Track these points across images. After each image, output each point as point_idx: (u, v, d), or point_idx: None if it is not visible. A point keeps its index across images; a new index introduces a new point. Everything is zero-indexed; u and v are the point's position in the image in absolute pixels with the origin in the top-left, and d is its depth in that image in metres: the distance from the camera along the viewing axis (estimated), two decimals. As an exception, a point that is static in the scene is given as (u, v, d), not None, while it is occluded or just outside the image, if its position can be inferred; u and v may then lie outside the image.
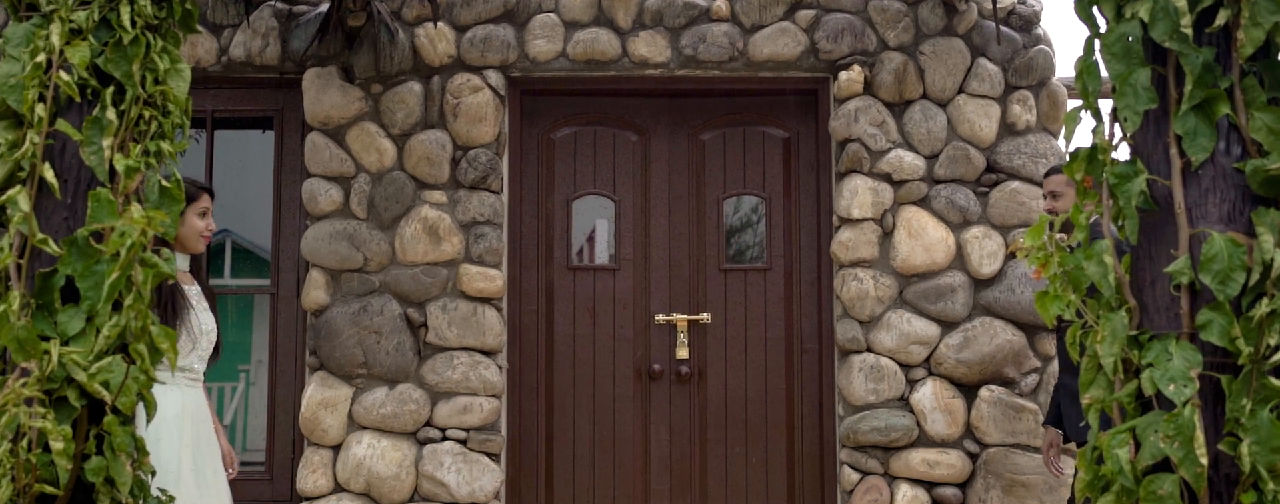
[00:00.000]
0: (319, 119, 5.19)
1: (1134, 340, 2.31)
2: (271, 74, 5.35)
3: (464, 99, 5.17)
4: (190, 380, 3.56)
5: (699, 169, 5.43)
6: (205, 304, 3.62)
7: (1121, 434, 2.30)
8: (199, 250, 3.64)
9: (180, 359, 3.46)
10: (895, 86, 5.17)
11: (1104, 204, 2.42)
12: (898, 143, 5.18)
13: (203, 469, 3.51)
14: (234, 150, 5.69)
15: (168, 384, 3.45)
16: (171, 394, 3.45)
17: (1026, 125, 5.21)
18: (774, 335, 5.32)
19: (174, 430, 3.43)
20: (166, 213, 2.70)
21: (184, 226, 3.56)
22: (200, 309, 3.59)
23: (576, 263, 5.39)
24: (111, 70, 2.59)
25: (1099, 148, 2.50)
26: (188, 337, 3.49)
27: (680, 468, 5.28)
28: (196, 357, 3.56)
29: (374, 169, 5.17)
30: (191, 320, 3.52)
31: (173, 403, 3.45)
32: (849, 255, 5.10)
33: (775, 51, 5.24)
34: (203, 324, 3.57)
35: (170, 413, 3.44)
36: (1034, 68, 5.23)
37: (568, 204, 5.41)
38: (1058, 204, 4.02)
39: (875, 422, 4.99)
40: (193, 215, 3.58)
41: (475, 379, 5.06)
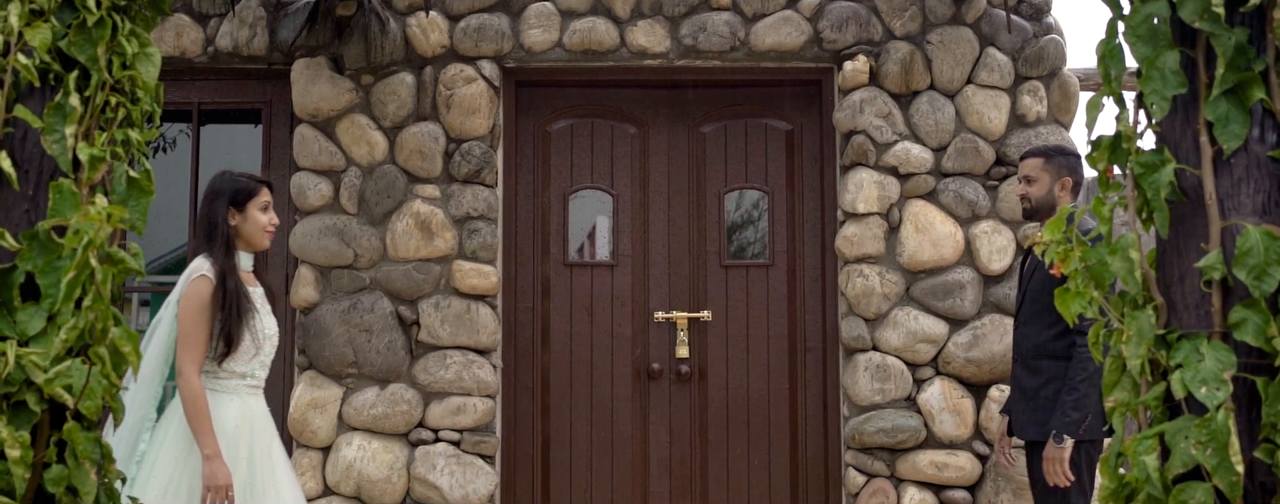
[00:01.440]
0: (308, 111, 5.09)
1: (1161, 340, 2.20)
2: (259, 65, 5.27)
3: (457, 90, 5.07)
4: (251, 388, 3.44)
5: (699, 162, 5.35)
6: (268, 306, 3.52)
7: (1148, 440, 2.18)
8: (264, 246, 3.53)
9: (242, 365, 3.37)
10: (902, 77, 5.07)
11: (1128, 196, 2.29)
12: (904, 135, 5.08)
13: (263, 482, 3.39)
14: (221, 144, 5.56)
15: (227, 393, 3.35)
16: (231, 403, 3.36)
17: (1037, 117, 5.11)
18: (777, 334, 5.24)
19: (231, 442, 3.32)
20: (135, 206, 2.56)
21: (247, 223, 3.45)
22: (263, 312, 3.48)
23: (574, 259, 5.31)
24: (75, 54, 2.46)
25: (1123, 136, 2.36)
26: (251, 341, 3.39)
27: (680, 470, 5.20)
28: (259, 362, 3.44)
29: (364, 162, 5.08)
30: (255, 324, 3.41)
31: (231, 412, 3.35)
32: (854, 251, 5.01)
33: (778, 41, 5.14)
34: (266, 328, 3.46)
35: (228, 423, 3.33)
36: (1045, 57, 5.12)
37: (564, 199, 5.33)
38: (1032, 189, 3.91)
39: (881, 422, 4.90)
40: (255, 210, 3.47)
41: (469, 379, 4.96)
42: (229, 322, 3.33)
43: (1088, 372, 3.62)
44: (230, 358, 3.36)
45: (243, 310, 3.36)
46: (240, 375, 3.40)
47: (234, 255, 3.42)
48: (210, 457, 3.22)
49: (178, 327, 3.33)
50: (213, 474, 3.21)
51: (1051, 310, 3.71)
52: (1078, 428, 3.64)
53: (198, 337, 3.31)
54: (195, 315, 3.32)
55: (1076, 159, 3.91)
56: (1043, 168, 3.90)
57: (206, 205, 3.46)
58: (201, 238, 3.45)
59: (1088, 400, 3.64)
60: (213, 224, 3.43)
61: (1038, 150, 3.94)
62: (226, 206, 3.44)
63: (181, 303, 3.34)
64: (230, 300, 3.34)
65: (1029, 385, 3.82)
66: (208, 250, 3.41)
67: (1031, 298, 3.85)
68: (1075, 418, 3.63)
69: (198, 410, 3.26)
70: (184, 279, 3.37)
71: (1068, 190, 3.87)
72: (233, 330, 3.34)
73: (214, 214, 3.44)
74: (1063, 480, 3.68)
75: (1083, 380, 3.64)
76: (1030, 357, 3.83)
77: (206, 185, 3.50)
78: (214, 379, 3.37)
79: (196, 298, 3.34)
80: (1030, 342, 3.84)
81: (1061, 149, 3.93)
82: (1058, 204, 3.85)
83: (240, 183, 3.48)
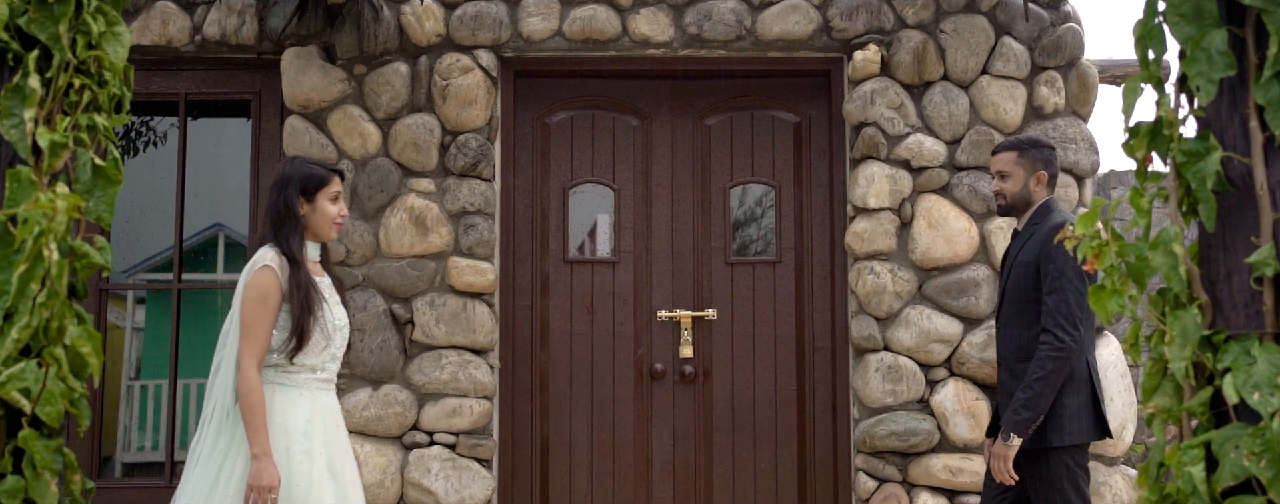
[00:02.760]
0: (298, 102, 5.02)
1: (1207, 342, 2.08)
2: (248, 54, 5.20)
3: (453, 81, 4.98)
4: (323, 382, 3.33)
5: (704, 156, 5.27)
6: (337, 297, 3.40)
7: (1194, 449, 2.06)
8: (332, 237, 3.41)
9: (312, 358, 3.26)
10: (914, 67, 4.99)
11: (1170, 186, 2.17)
12: (917, 127, 4.99)
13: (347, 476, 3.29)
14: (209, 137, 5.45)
15: (297, 388, 3.24)
16: (300, 399, 3.25)
17: (1054, 108, 5.02)
18: (784, 333, 5.16)
19: (302, 437, 3.21)
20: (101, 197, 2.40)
21: (316, 213, 3.33)
22: (333, 302, 3.36)
23: (574, 256, 5.26)
24: (35, 32, 2.32)
25: (1164, 122, 2.23)
26: (321, 334, 3.27)
27: (684, 474, 5.13)
28: (330, 355, 3.33)
29: (357, 155, 5.00)
30: (325, 316, 3.29)
31: (301, 408, 3.24)
32: (864, 247, 4.93)
33: (786, 30, 5.06)
34: (336, 319, 3.34)
35: (299, 419, 3.22)
36: (1063, 47, 5.03)
37: (564, 193, 5.26)
38: (1006, 184, 3.80)
39: (893, 425, 4.82)
40: (325, 200, 3.34)
41: (465, 380, 4.88)
42: (299, 315, 3.20)
43: (1045, 371, 3.55)
44: (301, 352, 3.24)
45: (312, 303, 3.24)
46: (310, 369, 3.28)
47: (303, 246, 3.30)
48: (258, 456, 3.11)
49: (239, 317, 3.22)
50: (258, 474, 3.10)
51: (1031, 310, 3.65)
52: (1026, 428, 3.57)
53: (259, 329, 3.19)
54: (257, 307, 3.19)
55: (1051, 151, 3.83)
56: (1017, 162, 3.79)
57: (275, 193, 3.32)
58: (268, 226, 3.32)
59: (1041, 400, 3.56)
60: (281, 212, 3.30)
61: (1010, 143, 3.86)
62: (296, 195, 3.31)
63: (244, 293, 3.22)
64: (300, 293, 3.22)
65: (1013, 390, 3.72)
66: (275, 239, 3.29)
67: (1009, 298, 3.77)
68: (1026, 417, 3.56)
69: (252, 405, 3.15)
70: (248, 269, 3.26)
71: (1043, 184, 3.78)
72: (303, 324, 3.21)
73: (283, 202, 3.31)
74: (1007, 479, 3.61)
75: (1038, 379, 3.56)
76: (1013, 360, 3.74)
77: (276, 172, 3.38)
78: (283, 373, 3.25)
79: (259, 288, 3.20)
80: (1012, 344, 3.75)
81: (1035, 141, 3.85)
82: (1033, 199, 3.77)
83: (311, 170, 3.35)
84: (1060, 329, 3.55)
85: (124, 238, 6.55)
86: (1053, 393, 3.56)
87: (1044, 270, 3.60)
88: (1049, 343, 3.55)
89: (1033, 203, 3.76)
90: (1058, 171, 3.84)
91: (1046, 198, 3.77)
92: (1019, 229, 3.80)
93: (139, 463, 8.24)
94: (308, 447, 3.20)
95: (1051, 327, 3.55)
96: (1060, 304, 3.55)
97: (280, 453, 3.16)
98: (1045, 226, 3.66)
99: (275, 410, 3.19)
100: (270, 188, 3.33)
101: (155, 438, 9.11)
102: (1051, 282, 3.58)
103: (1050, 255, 3.58)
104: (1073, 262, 3.53)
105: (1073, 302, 3.55)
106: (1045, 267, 3.60)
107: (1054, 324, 3.55)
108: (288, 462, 3.16)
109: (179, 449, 8.99)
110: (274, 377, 3.23)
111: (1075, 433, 3.60)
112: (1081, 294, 3.56)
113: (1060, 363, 3.54)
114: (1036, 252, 3.64)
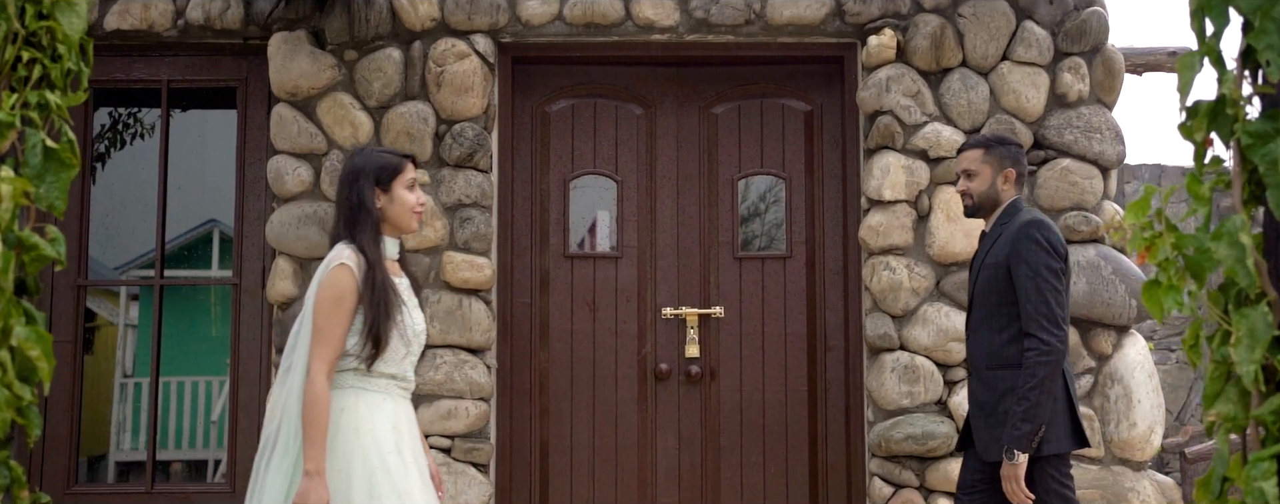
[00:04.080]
0: (286, 89, 4.91)
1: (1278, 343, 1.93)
2: (234, 39, 5.09)
3: (448, 67, 4.88)
4: (402, 389, 3.14)
5: (711, 146, 5.20)
6: (414, 299, 3.21)
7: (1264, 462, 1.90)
8: (413, 229, 3.20)
9: (392, 366, 3.09)
10: (931, 53, 4.88)
11: (1233, 171, 2.02)
12: (934, 116, 4.89)
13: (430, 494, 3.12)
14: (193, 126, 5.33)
15: (380, 393, 3.06)
16: (384, 405, 3.06)
17: (1079, 96, 4.91)
18: (795, 331, 5.09)
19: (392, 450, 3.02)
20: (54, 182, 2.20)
21: (394, 203, 3.13)
22: (411, 305, 3.19)
23: (574, 250, 5.18)
24: (-23, -1, 2.10)
25: (1227, 101, 2.07)
26: (401, 339, 3.08)
27: (689, 479, 5.05)
28: (409, 362, 3.15)
29: (347, 145, 4.89)
30: (403, 321, 3.09)
31: (385, 415, 3.06)
32: (879, 242, 4.83)
33: (796, 14, 4.96)
34: (414, 323, 3.16)
35: (385, 425, 3.04)
36: (1087, 32, 4.92)
37: (565, 185, 5.19)
38: (973, 184, 3.71)
39: (910, 428, 4.73)
40: (401, 188, 3.14)
41: (460, 380, 4.81)
42: (377, 319, 3.00)
43: (1037, 377, 3.42)
44: (379, 359, 3.05)
45: (391, 306, 3.04)
46: (390, 377, 3.09)
47: (381, 242, 3.12)
48: (310, 473, 2.91)
49: (312, 320, 3.02)
50: (306, 492, 2.90)
51: (1001, 314, 3.55)
52: (1030, 441, 3.44)
53: (333, 333, 2.98)
54: (331, 309, 2.99)
55: (1018, 149, 3.74)
56: (983, 160, 3.70)
57: (347, 187, 3.13)
58: (342, 222, 3.11)
59: (1039, 410, 3.43)
60: (356, 207, 3.10)
61: (976, 141, 3.76)
62: (371, 187, 3.12)
63: (318, 294, 3.03)
64: (378, 295, 3.01)
65: (985, 400, 3.60)
66: (351, 236, 3.09)
67: (979, 302, 3.65)
68: (1026, 431, 3.43)
69: (315, 417, 2.94)
70: (323, 267, 3.07)
71: (1011, 183, 3.68)
72: (380, 329, 3.02)
73: (357, 195, 3.11)
74: (1022, 500, 3.48)
75: (1032, 388, 3.43)
76: (984, 367, 3.62)
77: (344, 165, 3.19)
78: (364, 379, 3.06)
79: (334, 288, 3.01)
80: (982, 350, 3.63)
81: (1001, 139, 3.77)
82: (1001, 198, 3.67)
83: (384, 159, 3.16)
84: (1044, 331, 3.44)
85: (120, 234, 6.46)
86: (1050, 399, 3.44)
87: (1016, 271, 3.50)
88: (1035, 347, 3.44)
89: (1000, 202, 3.66)
90: (1025, 170, 3.75)
91: (1014, 197, 3.68)
92: (986, 230, 3.71)
93: (134, 462, 8.12)
94: (396, 448, 3.03)
95: (1034, 330, 3.44)
96: (1040, 305, 3.45)
97: (358, 462, 2.97)
98: (1014, 226, 3.57)
99: (361, 416, 3.02)
100: (341, 182, 3.14)
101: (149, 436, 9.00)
102: (1026, 282, 3.48)
103: (1021, 255, 3.49)
104: (1046, 259, 3.45)
105: (1052, 301, 3.46)
106: (1017, 267, 3.50)
107: (1037, 327, 3.44)
108: (372, 471, 2.98)
109: (161, 450, 8.85)
110: (353, 381, 3.04)
111: (1053, 442, 3.49)
112: (1059, 292, 3.48)
113: (1051, 367, 3.43)
114: (1006, 252, 3.54)
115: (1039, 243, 3.48)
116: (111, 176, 6.21)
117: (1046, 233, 3.52)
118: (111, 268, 7.79)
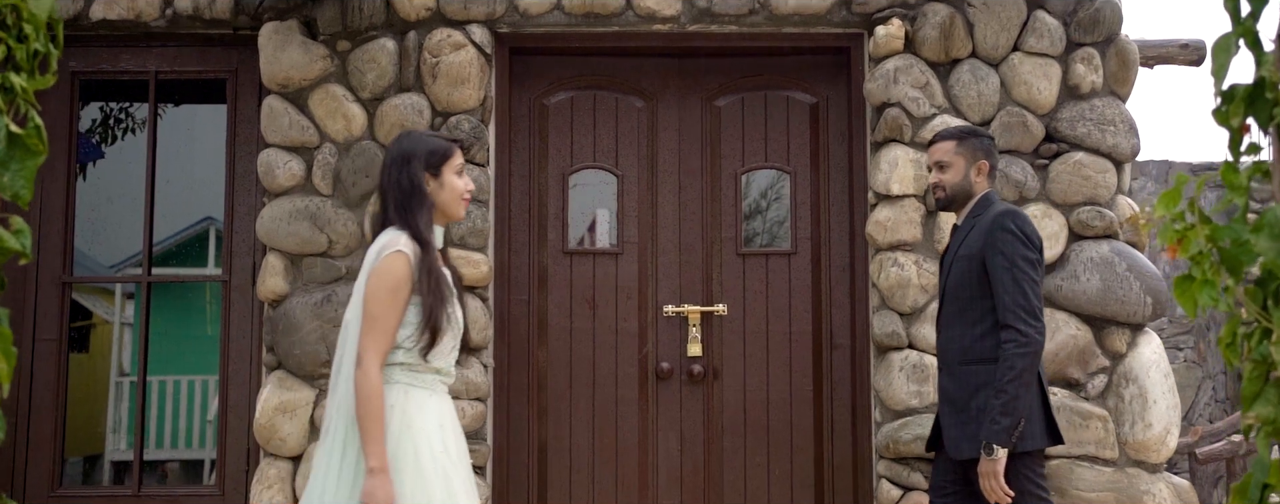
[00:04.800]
0: (277, 81, 4.80)
1: None
2: (224, 30, 4.99)
3: (444, 58, 4.79)
4: (444, 383, 3.07)
5: (713, 139, 5.12)
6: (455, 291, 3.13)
7: None
8: (461, 216, 3.14)
9: (441, 359, 3.03)
10: (940, 43, 4.79)
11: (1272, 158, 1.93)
12: (943, 108, 4.80)
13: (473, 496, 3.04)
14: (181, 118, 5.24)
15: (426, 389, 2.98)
16: (431, 401, 2.98)
17: (1092, 87, 4.81)
18: (800, 330, 5.00)
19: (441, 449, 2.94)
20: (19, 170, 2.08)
21: (444, 189, 3.05)
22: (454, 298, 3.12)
23: (573, 246, 5.09)
24: (-66, -25, 1.99)
25: (1266, 83, 1.96)
26: (451, 334, 3.01)
27: (691, 481, 4.97)
28: (454, 356, 3.08)
29: (340, 138, 4.80)
30: (454, 314, 3.02)
31: (432, 410, 2.97)
32: (887, 237, 4.74)
33: (802, 3, 4.87)
34: (458, 318, 3.08)
35: (433, 423, 2.95)
36: (1101, 21, 4.81)
37: (563, 179, 5.10)
38: (945, 176, 3.70)
39: (919, 429, 4.60)
40: (451, 174, 3.07)
41: (456, 380, 4.58)
42: (433, 307, 2.93)
43: (1016, 370, 3.39)
44: (433, 349, 2.97)
45: (445, 294, 2.97)
46: (435, 371, 3.01)
47: (432, 228, 3.03)
48: (375, 470, 2.82)
49: (364, 308, 2.92)
50: (373, 490, 2.81)
51: (975, 308, 3.51)
52: (1010, 436, 3.39)
53: (388, 322, 2.90)
54: (387, 297, 2.90)
55: (990, 141, 3.73)
56: (956, 151, 3.69)
57: (397, 170, 3.03)
58: (394, 208, 3.02)
59: (1018, 403, 3.39)
60: (410, 190, 3.02)
61: (948, 133, 3.76)
62: (422, 171, 3.04)
63: (371, 281, 2.93)
64: (433, 282, 2.94)
65: (957, 396, 3.56)
66: (403, 221, 3.00)
67: (950, 296, 3.62)
68: (1006, 425, 3.38)
69: (373, 412, 2.85)
70: (374, 254, 2.97)
71: (984, 175, 3.69)
72: (437, 318, 2.95)
73: (410, 178, 3.02)
74: (1002, 498, 3.43)
75: (1010, 381, 3.39)
76: (955, 363, 3.59)
77: (392, 148, 3.09)
78: (412, 373, 2.96)
79: (390, 276, 2.91)
80: (954, 345, 3.60)
81: (974, 130, 3.78)
82: (974, 191, 3.65)
83: (434, 143, 3.09)
84: (1022, 322, 3.40)
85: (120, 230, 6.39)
86: (1028, 393, 3.40)
87: (991, 263, 3.47)
88: (1013, 339, 3.39)
89: (973, 195, 3.66)
90: (997, 162, 3.73)
91: (987, 190, 3.67)
92: (958, 223, 3.68)
93: (128, 461, 8.04)
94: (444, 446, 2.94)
95: (1012, 321, 3.40)
96: (1017, 295, 3.41)
97: (408, 462, 2.88)
98: (987, 218, 3.54)
99: (411, 413, 2.92)
100: (389, 166, 3.04)
101: (146, 436, 8.94)
102: (1002, 273, 3.44)
103: (997, 247, 3.45)
104: (1022, 250, 3.42)
105: (1030, 292, 3.42)
106: (992, 259, 3.47)
107: (1014, 318, 3.40)
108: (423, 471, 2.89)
109: (158, 450, 8.74)
110: (400, 376, 2.94)
111: (1030, 439, 3.44)
112: (1036, 283, 3.44)
113: (1030, 359, 3.39)
114: (980, 244, 3.51)
115: (1014, 233, 3.45)
116: (108, 172, 6.13)
117: (1021, 223, 3.50)
118: (107, 266, 7.71)
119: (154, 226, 5.02)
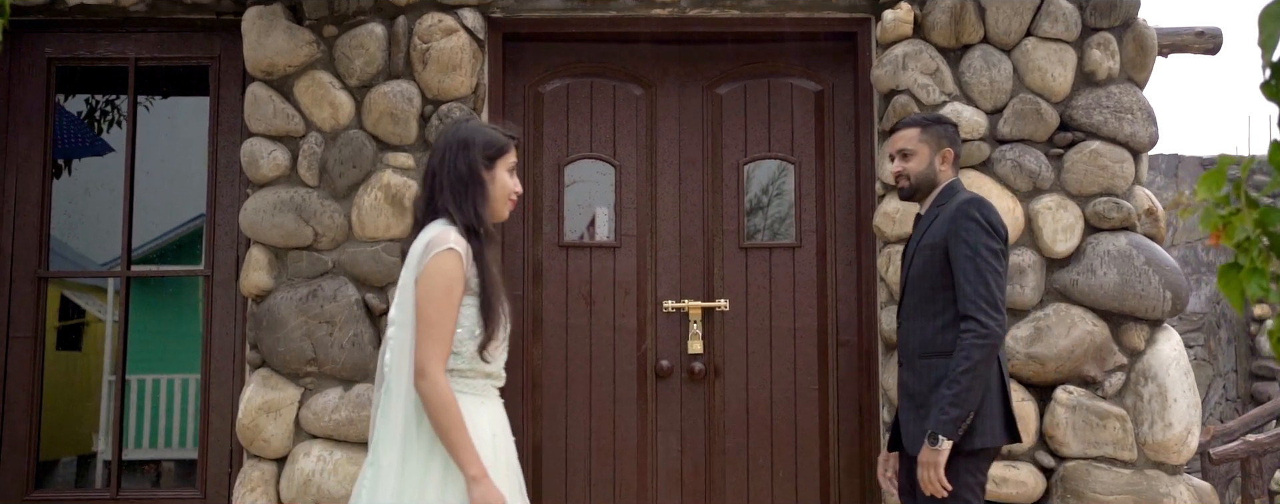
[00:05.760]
0: (262, 67, 4.67)
1: None
2: (206, 14, 4.85)
3: (435, 44, 4.66)
4: (494, 387, 2.92)
5: (715, 128, 5.01)
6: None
7: None
8: (504, 217, 2.98)
9: (496, 362, 2.91)
10: (951, 28, 4.66)
11: None
12: (954, 95, 4.67)
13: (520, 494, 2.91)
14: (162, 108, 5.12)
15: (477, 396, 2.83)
16: (481, 408, 2.83)
17: (1108, 74, 4.67)
18: (804, 326, 4.90)
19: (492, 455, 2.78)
20: None
21: (495, 185, 2.89)
22: None
23: (570, 240, 4.98)
24: None
25: None
26: (503, 331, 2.86)
27: (692, 482, 4.87)
28: (504, 357, 2.93)
29: (327, 127, 4.66)
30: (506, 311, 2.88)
31: (484, 419, 2.82)
32: (895, 230, 4.61)
33: None
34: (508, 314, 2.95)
35: (485, 431, 2.80)
36: (1118, 5, 4.67)
37: (559, 170, 4.98)
38: (909, 165, 3.63)
39: None
40: (503, 171, 2.92)
41: None
42: (493, 304, 2.80)
43: (971, 361, 3.29)
44: (487, 349, 2.81)
45: (494, 301, 2.81)
46: (486, 375, 2.86)
47: (486, 223, 2.86)
48: (477, 478, 2.70)
49: (418, 313, 2.75)
50: (484, 497, 2.68)
51: (937, 300, 3.42)
52: (957, 428, 3.29)
53: (447, 326, 2.74)
54: (444, 300, 2.74)
55: (954, 129, 3.65)
56: (920, 139, 3.61)
57: (455, 154, 2.86)
58: (449, 194, 2.85)
59: (970, 395, 3.30)
60: (468, 178, 2.86)
61: (911, 120, 3.67)
62: (480, 159, 2.87)
63: (423, 283, 2.75)
64: (491, 282, 2.81)
65: (917, 390, 3.47)
66: (458, 208, 2.83)
67: (913, 287, 3.53)
68: (955, 416, 3.29)
69: (452, 420, 2.70)
70: (422, 251, 2.78)
71: (949, 163, 3.62)
72: (496, 316, 2.82)
73: (469, 165, 2.85)
74: (939, 490, 3.33)
75: (965, 372, 3.30)
76: (916, 356, 3.49)
77: (448, 132, 2.91)
78: (462, 380, 2.80)
79: (445, 277, 2.74)
80: (916, 338, 3.51)
81: (939, 118, 3.70)
82: (938, 179, 3.57)
83: (493, 135, 2.94)
84: (983, 314, 3.30)
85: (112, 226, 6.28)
86: (982, 385, 3.31)
87: (954, 252, 3.38)
88: (973, 329, 3.30)
89: (938, 183, 3.58)
90: (961, 150, 3.64)
91: (952, 178, 3.59)
92: (922, 213, 3.60)
93: (124, 460, 7.91)
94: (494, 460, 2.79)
95: (973, 312, 3.31)
96: (979, 286, 3.32)
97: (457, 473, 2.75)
98: (951, 207, 3.46)
99: None
100: (445, 150, 2.86)
101: (139, 435, 8.82)
102: (965, 263, 3.35)
103: (960, 235, 3.37)
104: (985, 239, 3.33)
105: (992, 282, 3.33)
106: (955, 248, 3.38)
107: (975, 309, 3.30)
108: None
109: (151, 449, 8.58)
110: (453, 382, 2.78)
111: (983, 435, 3.34)
112: (999, 274, 3.35)
113: (987, 351, 3.29)
114: (943, 233, 3.43)
115: (978, 222, 3.36)
116: (103, 166, 5.99)
117: (986, 212, 3.40)
118: (102, 263, 7.58)
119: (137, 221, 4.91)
